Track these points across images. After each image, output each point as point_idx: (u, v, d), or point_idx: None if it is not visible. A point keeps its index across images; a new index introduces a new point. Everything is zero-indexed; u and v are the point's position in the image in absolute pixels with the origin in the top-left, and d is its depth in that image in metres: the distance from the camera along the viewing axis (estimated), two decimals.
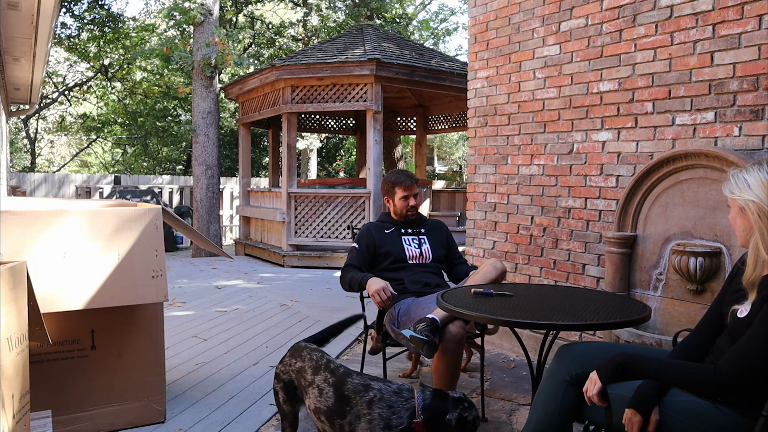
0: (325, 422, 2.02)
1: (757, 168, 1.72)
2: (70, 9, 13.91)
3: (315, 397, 2.03)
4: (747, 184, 1.69)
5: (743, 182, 1.70)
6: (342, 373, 2.06)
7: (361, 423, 1.91)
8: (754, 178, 1.69)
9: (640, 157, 3.25)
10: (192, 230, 3.39)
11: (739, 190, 1.71)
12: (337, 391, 1.99)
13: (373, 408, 1.92)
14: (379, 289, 2.77)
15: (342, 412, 1.96)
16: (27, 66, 7.14)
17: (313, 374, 2.09)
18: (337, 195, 7.95)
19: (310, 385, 2.08)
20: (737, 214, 1.73)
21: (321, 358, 2.16)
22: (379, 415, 1.91)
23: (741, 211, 1.71)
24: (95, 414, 2.64)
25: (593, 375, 1.79)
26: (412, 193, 3.10)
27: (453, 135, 20.49)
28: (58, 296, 2.40)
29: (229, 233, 13.27)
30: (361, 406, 1.93)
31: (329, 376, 2.05)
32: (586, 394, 1.79)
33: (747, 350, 1.57)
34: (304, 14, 14.72)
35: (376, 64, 7.42)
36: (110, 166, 22.24)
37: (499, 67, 4.19)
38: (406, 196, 3.10)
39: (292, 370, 2.19)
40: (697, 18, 2.97)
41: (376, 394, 1.95)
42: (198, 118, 9.87)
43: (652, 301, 3.02)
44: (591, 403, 1.80)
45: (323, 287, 6.40)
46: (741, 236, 1.75)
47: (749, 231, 1.69)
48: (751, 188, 1.68)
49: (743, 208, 1.70)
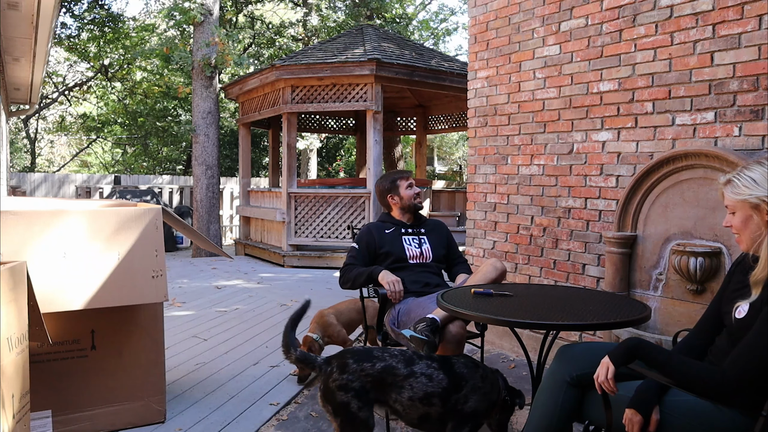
0: (435, 405, 2.16)
1: (757, 164, 1.69)
2: (70, 9, 13.91)
3: (422, 384, 2.15)
4: (755, 182, 1.65)
5: (749, 180, 1.66)
6: (439, 356, 2.30)
7: (476, 395, 2.19)
8: (758, 174, 1.66)
9: (640, 157, 3.25)
10: (192, 230, 3.39)
11: (747, 189, 1.66)
12: (449, 372, 2.20)
13: (486, 383, 2.24)
14: (393, 281, 2.81)
15: (459, 387, 2.19)
16: (27, 66, 7.14)
17: (408, 366, 2.18)
18: (337, 195, 7.95)
19: (408, 377, 2.15)
20: (750, 213, 1.66)
21: (403, 352, 2.25)
22: (489, 388, 2.24)
23: (755, 209, 1.65)
24: (95, 414, 2.64)
25: (605, 359, 1.74)
26: (414, 183, 3.20)
27: (453, 135, 20.49)
28: (58, 296, 2.40)
29: (229, 233, 13.27)
30: (475, 380, 2.22)
31: (430, 362, 2.22)
32: (597, 380, 1.75)
33: (750, 353, 1.56)
34: (304, 14, 14.72)
35: (376, 64, 7.43)
36: (110, 166, 22.24)
37: (499, 67, 4.19)
38: (410, 184, 3.17)
39: (364, 374, 2.14)
40: (697, 18, 2.97)
41: (485, 371, 2.28)
42: (198, 118, 9.87)
43: (652, 301, 3.02)
44: (602, 390, 1.75)
45: (323, 287, 6.41)
46: (750, 237, 1.68)
47: (762, 229, 1.64)
48: (759, 185, 1.64)
49: (757, 205, 1.64)
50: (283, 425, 2.85)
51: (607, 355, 1.76)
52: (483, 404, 2.22)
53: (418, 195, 3.18)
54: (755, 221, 1.66)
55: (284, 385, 3.33)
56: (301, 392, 3.27)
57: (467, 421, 2.19)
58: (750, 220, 1.68)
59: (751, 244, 1.70)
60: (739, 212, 1.70)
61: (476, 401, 2.19)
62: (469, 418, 2.19)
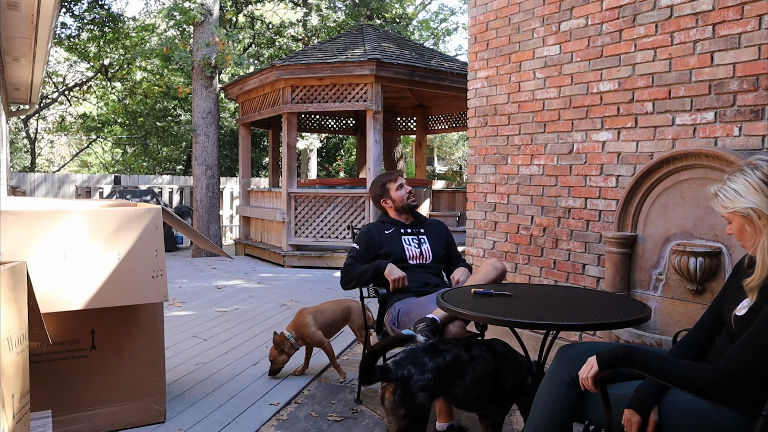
0: (487, 384, 2.26)
1: (739, 174, 1.70)
2: (70, 9, 13.92)
3: (481, 366, 2.26)
4: (738, 193, 1.67)
5: (732, 193, 1.68)
6: (483, 340, 2.42)
7: (512, 374, 2.32)
8: (741, 185, 1.68)
9: (640, 157, 3.25)
10: (192, 230, 3.39)
11: (731, 202, 1.68)
12: (494, 353, 2.32)
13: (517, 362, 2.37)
14: (401, 277, 2.85)
15: (502, 367, 2.31)
16: (27, 66, 7.14)
17: (468, 351, 2.28)
18: (337, 195, 7.95)
19: (470, 361, 2.25)
20: (743, 223, 1.70)
21: (458, 341, 2.34)
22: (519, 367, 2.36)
23: (747, 220, 1.68)
24: (95, 414, 2.64)
25: (591, 359, 1.76)
26: (404, 182, 3.19)
27: (453, 135, 20.49)
28: (58, 296, 2.40)
29: (229, 233, 13.27)
30: (513, 361, 2.35)
31: (481, 345, 2.33)
32: (581, 376, 1.77)
33: (746, 350, 1.57)
34: (304, 14, 14.72)
35: (376, 64, 7.43)
36: (110, 166, 22.24)
37: (499, 67, 4.19)
38: (401, 185, 3.16)
39: (439, 369, 2.18)
40: (697, 18, 2.97)
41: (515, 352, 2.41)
42: (198, 118, 9.87)
43: (652, 301, 3.02)
44: (584, 388, 1.77)
45: (323, 287, 6.41)
46: (751, 244, 1.71)
47: (759, 236, 1.66)
48: (743, 196, 1.67)
49: (747, 216, 1.67)
50: (283, 425, 2.85)
51: (596, 355, 1.76)
52: (518, 381, 2.35)
53: (410, 194, 3.16)
54: (749, 230, 1.69)
55: (284, 385, 3.33)
56: (301, 392, 3.27)
57: (506, 397, 2.34)
58: (745, 228, 1.71)
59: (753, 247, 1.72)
60: (734, 222, 1.73)
61: (512, 379, 2.33)
62: (509, 395, 2.34)
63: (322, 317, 3.44)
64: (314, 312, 3.46)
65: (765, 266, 1.62)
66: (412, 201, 3.16)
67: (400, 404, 2.12)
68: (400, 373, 2.14)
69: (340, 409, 3.03)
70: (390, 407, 2.14)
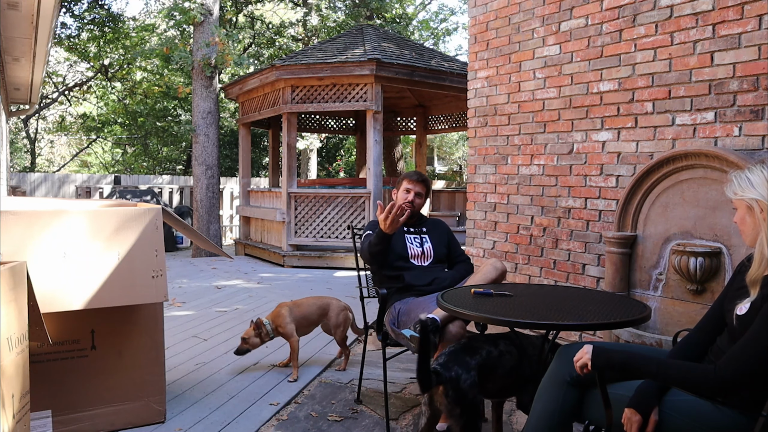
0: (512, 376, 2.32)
1: (760, 167, 1.73)
2: (70, 9, 13.92)
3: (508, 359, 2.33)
4: (750, 183, 1.70)
5: (746, 182, 1.71)
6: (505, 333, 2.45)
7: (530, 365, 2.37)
8: (757, 176, 1.70)
9: (640, 157, 3.25)
10: (192, 230, 3.39)
11: (742, 189, 1.71)
12: (519, 348, 2.39)
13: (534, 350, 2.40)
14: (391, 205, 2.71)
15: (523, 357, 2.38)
16: (27, 66, 7.14)
17: (496, 347, 2.34)
18: (337, 195, 7.95)
19: (500, 356, 2.33)
20: (745, 213, 1.73)
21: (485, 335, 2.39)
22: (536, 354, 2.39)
23: (749, 210, 1.71)
24: (95, 414, 2.64)
25: (588, 347, 1.76)
26: (414, 189, 3.10)
27: (453, 135, 20.49)
28: (58, 296, 2.40)
29: (229, 233, 13.27)
30: (532, 347, 2.41)
31: (505, 339, 2.39)
32: (575, 358, 1.78)
33: (746, 350, 1.57)
34: (304, 14, 14.72)
35: (376, 64, 7.42)
36: (110, 166, 22.25)
37: (499, 67, 4.19)
38: (408, 189, 3.12)
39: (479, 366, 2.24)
40: (697, 18, 2.97)
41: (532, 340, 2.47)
42: (198, 118, 9.87)
43: (652, 301, 3.02)
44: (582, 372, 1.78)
45: (323, 287, 6.40)
46: (749, 235, 1.74)
47: (758, 229, 1.69)
48: (755, 187, 1.69)
49: (751, 206, 1.70)
50: (283, 425, 2.85)
51: (593, 350, 1.74)
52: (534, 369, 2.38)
53: (411, 204, 3.05)
54: (749, 221, 1.72)
55: (284, 385, 3.33)
56: (301, 392, 3.27)
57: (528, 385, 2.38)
58: (745, 219, 1.74)
59: (751, 239, 1.75)
60: (739, 210, 1.76)
61: (530, 367, 2.38)
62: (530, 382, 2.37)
63: (298, 310, 3.55)
64: (292, 305, 3.57)
65: (764, 258, 1.64)
66: (405, 207, 2.84)
67: (454, 404, 2.19)
68: (449, 375, 2.20)
69: (340, 409, 3.03)
70: (446, 409, 2.22)
